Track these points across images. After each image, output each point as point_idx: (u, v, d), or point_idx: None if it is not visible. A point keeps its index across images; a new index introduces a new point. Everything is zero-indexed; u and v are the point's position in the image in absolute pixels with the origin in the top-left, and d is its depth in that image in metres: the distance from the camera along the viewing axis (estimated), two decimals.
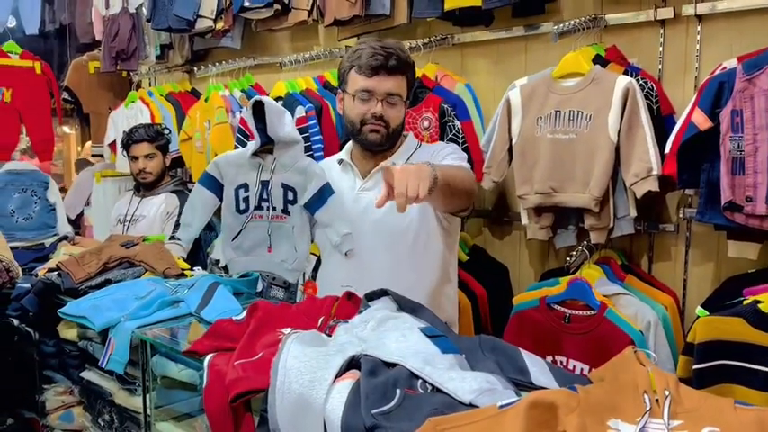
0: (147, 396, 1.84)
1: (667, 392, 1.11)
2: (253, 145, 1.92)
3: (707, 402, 1.11)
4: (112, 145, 3.72)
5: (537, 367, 1.30)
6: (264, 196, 1.92)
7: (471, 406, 1.13)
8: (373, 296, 1.50)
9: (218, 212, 3.60)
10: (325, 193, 1.85)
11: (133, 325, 1.80)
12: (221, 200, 2.00)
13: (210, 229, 3.52)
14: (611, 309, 1.94)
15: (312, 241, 1.99)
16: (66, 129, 5.09)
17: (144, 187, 3.14)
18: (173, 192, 3.12)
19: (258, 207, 1.93)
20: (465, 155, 1.87)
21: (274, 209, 1.92)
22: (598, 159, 1.96)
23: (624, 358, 1.30)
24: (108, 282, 2.16)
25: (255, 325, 1.54)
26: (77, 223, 4.17)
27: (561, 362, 2.03)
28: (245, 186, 1.94)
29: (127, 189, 3.42)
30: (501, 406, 1.08)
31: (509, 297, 2.37)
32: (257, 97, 1.88)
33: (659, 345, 1.90)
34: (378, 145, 1.75)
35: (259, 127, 1.88)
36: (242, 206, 1.96)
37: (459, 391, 1.14)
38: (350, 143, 1.90)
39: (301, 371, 1.20)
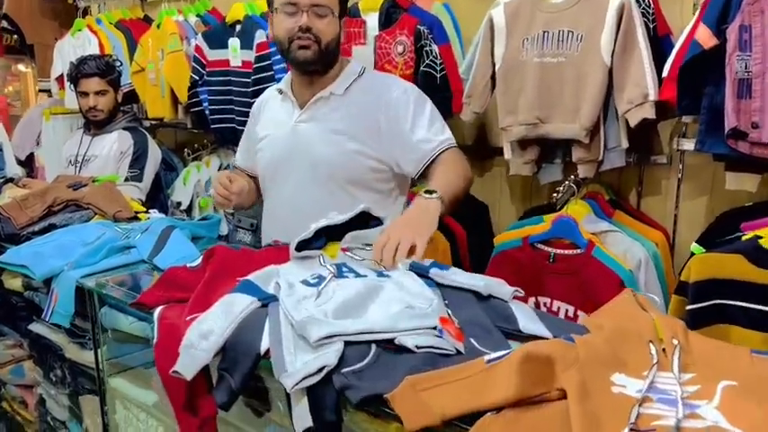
0: (99, 350, 1.69)
1: (675, 341, 0.99)
2: None
3: (720, 352, 0.99)
4: (60, 79, 3.43)
5: (524, 314, 1.17)
6: None
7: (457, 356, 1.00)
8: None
9: (180, 148, 3.43)
10: None
11: (78, 274, 1.64)
12: None
13: (171, 169, 3.31)
14: (598, 247, 1.82)
15: None
16: (21, 67, 4.78)
17: (95, 125, 2.90)
18: (126, 129, 2.90)
19: None
20: (437, 113, 1.65)
21: None
22: (589, 85, 1.78)
23: (623, 302, 1.17)
24: (52, 227, 1.98)
25: (212, 273, 1.38)
26: (31, 165, 3.91)
27: (545, 303, 1.92)
28: None
29: (78, 127, 3.16)
30: (488, 361, 0.95)
31: (489, 236, 2.26)
32: None
33: (650, 285, 1.79)
34: (310, 63, 1.59)
35: None
36: None
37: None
38: (289, 72, 1.75)
39: None
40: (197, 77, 2.73)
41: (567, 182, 1.87)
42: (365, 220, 1.41)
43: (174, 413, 1.26)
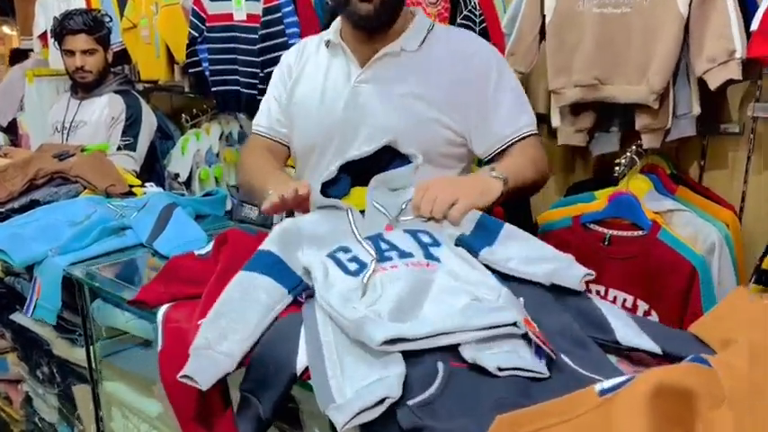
0: (92, 349, 1.46)
1: None
2: None
3: None
4: (43, 36, 3.16)
5: (619, 320, 0.94)
6: None
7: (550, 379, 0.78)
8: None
9: (177, 114, 3.18)
10: None
11: (64, 261, 1.43)
12: None
13: (167, 137, 3.07)
14: (665, 229, 1.60)
15: None
16: (6, 29, 4.53)
17: (82, 88, 2.65)
18: (117, 92, 2.65)
19: None
20: (520, 87, 1.44)
21: None
22: (661, 40, 1.54)
23: (745, 304, 0.94)
24: (35, 203, 1.78)
25: (225, 264, 1.14)
26: (15, 132, 3.65)
27: (599, 291, 1.70)
28: None
29: (65, 90, 2.91)
30: (602, 392, 0.72)
31: (529, 215, 2.03)
32: None
33: (724, 272, 1.57)
34: (371, 19, 1.35)
35: None
36: None
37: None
38: (338, 19, 1.48)
39: None
40: (196, 34, 2.51)
41: (628, 152, 1.63)
42: (389, 160, 1.21)
43: None
